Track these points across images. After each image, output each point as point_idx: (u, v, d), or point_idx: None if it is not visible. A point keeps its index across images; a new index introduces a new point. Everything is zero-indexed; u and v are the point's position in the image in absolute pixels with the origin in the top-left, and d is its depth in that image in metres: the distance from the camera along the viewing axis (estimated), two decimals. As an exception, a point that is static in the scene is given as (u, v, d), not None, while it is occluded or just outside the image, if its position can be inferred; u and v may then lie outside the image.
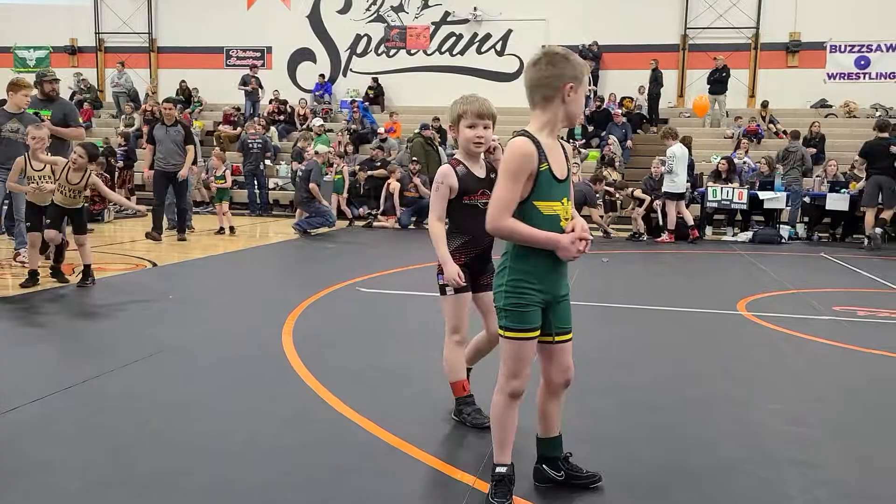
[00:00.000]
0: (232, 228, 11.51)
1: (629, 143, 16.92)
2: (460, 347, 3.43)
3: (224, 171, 11.85)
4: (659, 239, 12.10)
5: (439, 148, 15.31)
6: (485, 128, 3.30)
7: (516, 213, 2.46)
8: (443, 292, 3.39)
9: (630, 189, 13.17)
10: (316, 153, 12.78)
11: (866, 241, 11.58)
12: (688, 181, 12.38)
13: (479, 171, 3.38)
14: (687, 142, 13.00)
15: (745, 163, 14.20)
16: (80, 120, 8.87)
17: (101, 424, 3.33)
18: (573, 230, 2.48)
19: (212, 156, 12.75)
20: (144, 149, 11.72)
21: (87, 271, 6.68)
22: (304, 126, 18.00)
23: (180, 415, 3.46)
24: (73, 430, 3.24)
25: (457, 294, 3.35)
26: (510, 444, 2.61)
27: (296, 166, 14.08)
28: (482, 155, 3.41)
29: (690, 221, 12.07)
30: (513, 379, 2.56)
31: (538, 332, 2.56)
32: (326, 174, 13.20)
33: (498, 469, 2.60)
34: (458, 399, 3.44)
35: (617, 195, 13.41)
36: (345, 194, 13.90)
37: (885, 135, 11.85)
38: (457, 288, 3.32)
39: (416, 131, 15.26)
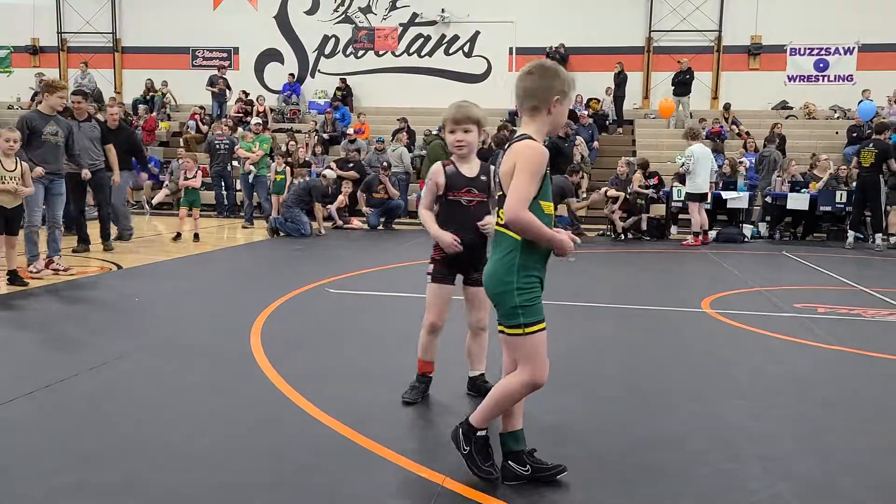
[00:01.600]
0: (196, 235, 10.84)
1: (595, 143, 17.10)
2: (432, 334, 3.72)
3: (196, 173, 11.40)
4: (685, 242, 11.85)
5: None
6: (464, 132, 3.52)
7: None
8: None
9: (603, 189, 13.21)
10: (323, 177, 12.73)
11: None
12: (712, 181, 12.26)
13: (469, 171, 3.61)
14: (717, 146, 12.86)
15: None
16: None
17: (65, 430, 3.29)
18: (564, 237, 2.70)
19: (184, 156, 12.35)
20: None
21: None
22: (243, 122, 17.81)
23: (146, 419, 3.43)
24: (37, 436, 3.19)
25: (437, 284, 3.64)
26: (493, 421, 2.84)
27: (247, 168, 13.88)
28: (469, 156, 3.61)
29: (699, 227, 11.87)
30: (542, 370, 2.71)
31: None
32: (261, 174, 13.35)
33: (479, 433, 2.81)
34: (417, 375, 3.77)
35: (640, 199, 12.91)
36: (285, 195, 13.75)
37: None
38: (437, 278, 3.63)
39: (434, 132, 15.17)
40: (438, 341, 3.76)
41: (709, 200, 12.58)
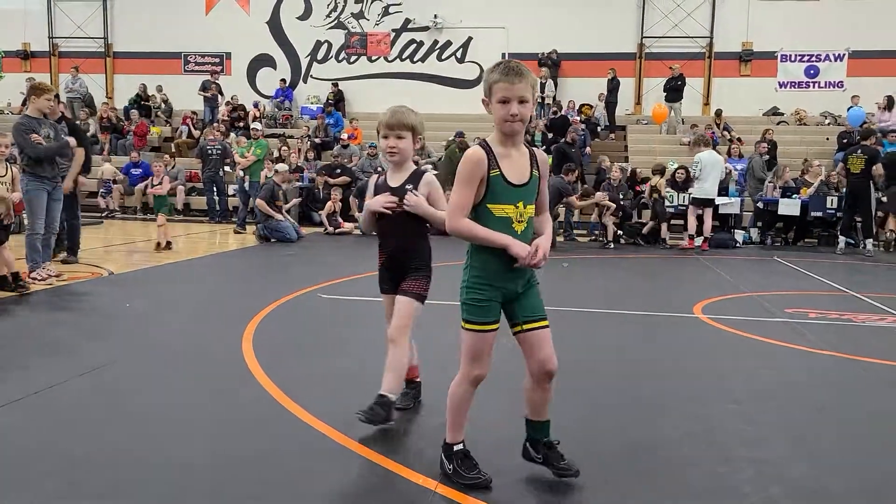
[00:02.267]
0: (168, 243, 10.09)
1: (588, 149, 17.14)
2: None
3: (162, 178, 10.88)
4: (691, 244, 11.86)
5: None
6: (398, 138, 3.42)
7: (472, 215, 2.67)
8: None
9: (599, 194, 13.16)
10: (276, 172, 12.56)
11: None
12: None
13: (395, 181, 3.48)
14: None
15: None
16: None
17: (53, 437, 3.26)
18: (536, 249, 2.64)
19: (155, 162, 11.84)
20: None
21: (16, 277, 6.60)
22: (243, 127, 17.79)
23: (136, 425, 3.41)
24: (24, 443, 3.17)
25: (383, 295, 3.59)
26: (464, 425, 2.86)
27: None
28: (403, 164, 3.49)
29: (708, 232, 11.91)
30: (474, 366, 2.75)
31: (496, 326, 2.74)
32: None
33: (456, 448, 2.83)
34: (406, 381, 3.63)
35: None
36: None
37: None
38: (381, 289, 3.58)
39: (451, 138, 15.15)
40: (411, 348, 3.60)
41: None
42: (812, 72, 19.05)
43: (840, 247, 11.78)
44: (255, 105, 19.44)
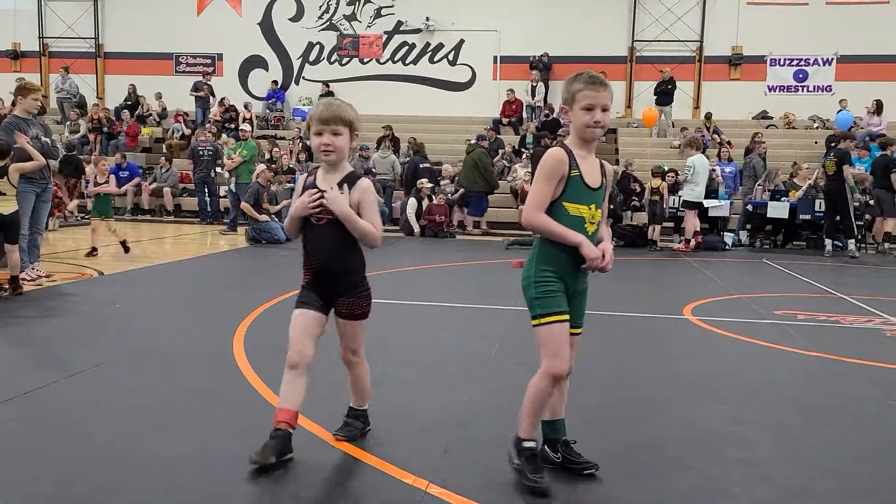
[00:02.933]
0: (94, 250, 9.30)
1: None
2: (292, 372, 3.07)
3: (108, 178, 9.81)
4: (676, 247, 12.22)
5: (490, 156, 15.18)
6: (333, 134, 2.96)
7: (546, 211, 2.78)
8: None
9: None
10: (257, 174, 12.54)
11: None
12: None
13: (325, 182, 3.02)
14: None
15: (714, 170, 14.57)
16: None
17: (43, 438, 3.25)
18: (604, 253, 2.79)
19: (99, 160, 11.00)
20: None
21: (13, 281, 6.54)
22: (227, 129, 17.74)
23: (126, 427, 3.40)
24: (14, 444, 3.16)
25: (298, 310, 3.10)
26: (537, 424, 2.87)
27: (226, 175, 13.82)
28: (338, 163, 3.04)
29: (697, 229, 12.20)
30: (555, 359, 2.76)
31: (568, 316, 2.78)
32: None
33: (526, 444, 2.82)
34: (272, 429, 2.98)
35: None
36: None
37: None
38: (299, 303, 3.12)
39: (473, 141, 15.17)
40: (303, 384, 3.07)
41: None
42: (801, 76, 19.18)
43: (827, 250, 11.87)
44: (246, 106, 19.39)
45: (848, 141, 12.45)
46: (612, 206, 12.66)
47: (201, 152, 15.01)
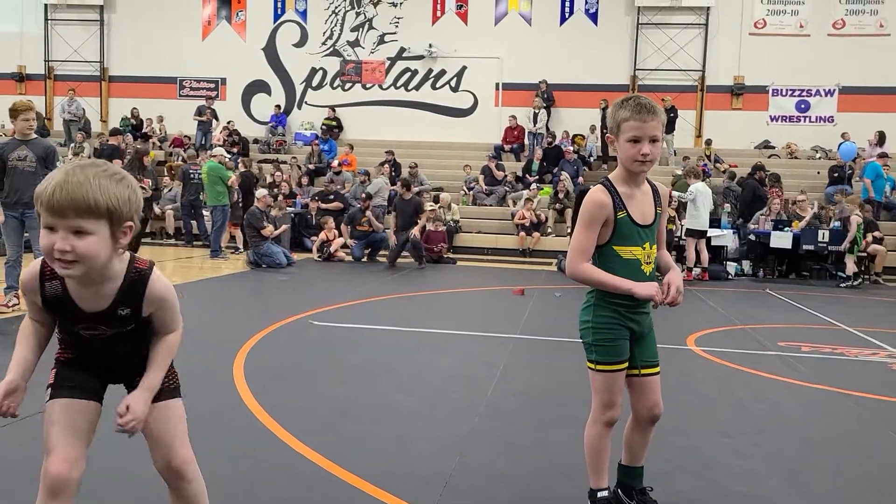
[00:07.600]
0: None
1: (581, 179, 17.24)
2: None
3: None
4: (689, 277, 11.91)
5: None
6: (76, 233, 1.85)
7: (596, 256, 2.59)
8: None
9: None
10: (258, 199, 12.51)
11: None
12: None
13: (90, 303, 2.12)
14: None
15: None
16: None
17: (34, 462, 3.20)
18: (668, 285, 2.59)
19: None
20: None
21: None
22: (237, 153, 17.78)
23: (122, 452, 3.35)
24: (4, 467, 3.11)
25: (56, 400, 2.34)
26: (606, 470, 2.72)
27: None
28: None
29: (705, 263, 12.02)
30: (608, 409, 2.65)
31: (626, 364, 2.64)
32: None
33: (600, 494, 2.70)
34: None
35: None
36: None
37: None
38: (57, 391, 2.37)
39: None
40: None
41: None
42: (803, 106, 19.27)
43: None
44: (226, 126, 19.26)
45: (759, 172, 12.52)
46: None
47: (192, 175, 14.96)
